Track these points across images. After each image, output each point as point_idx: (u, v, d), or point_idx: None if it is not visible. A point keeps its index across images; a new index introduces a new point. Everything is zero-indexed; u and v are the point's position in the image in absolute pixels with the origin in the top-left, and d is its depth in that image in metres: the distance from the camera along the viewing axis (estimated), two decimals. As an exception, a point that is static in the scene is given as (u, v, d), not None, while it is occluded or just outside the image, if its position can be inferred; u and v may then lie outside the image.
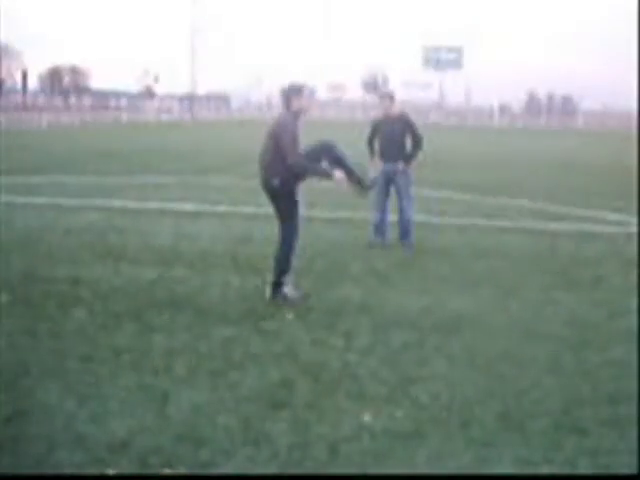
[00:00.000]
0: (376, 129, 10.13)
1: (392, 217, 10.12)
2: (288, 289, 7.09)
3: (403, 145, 9.99)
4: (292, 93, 7.09)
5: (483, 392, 5.10)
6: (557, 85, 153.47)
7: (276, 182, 7.02)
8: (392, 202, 10.08)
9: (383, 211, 10.02)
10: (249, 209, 12.83)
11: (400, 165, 9.89)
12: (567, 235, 11.23)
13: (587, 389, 5.19)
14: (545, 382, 5.31)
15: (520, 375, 5.43)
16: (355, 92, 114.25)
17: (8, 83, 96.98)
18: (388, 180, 9.94)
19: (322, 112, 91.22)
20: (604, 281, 8.32)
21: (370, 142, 10.21)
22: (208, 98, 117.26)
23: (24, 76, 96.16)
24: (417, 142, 9.98)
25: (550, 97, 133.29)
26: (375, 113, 10.60)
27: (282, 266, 7.12)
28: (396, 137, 9.99)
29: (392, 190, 10.04)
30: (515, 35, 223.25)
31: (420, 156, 10.17)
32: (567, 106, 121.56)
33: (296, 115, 7.12)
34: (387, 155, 9.94)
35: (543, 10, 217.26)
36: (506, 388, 5.19)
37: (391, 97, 10.21)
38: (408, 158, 9.96)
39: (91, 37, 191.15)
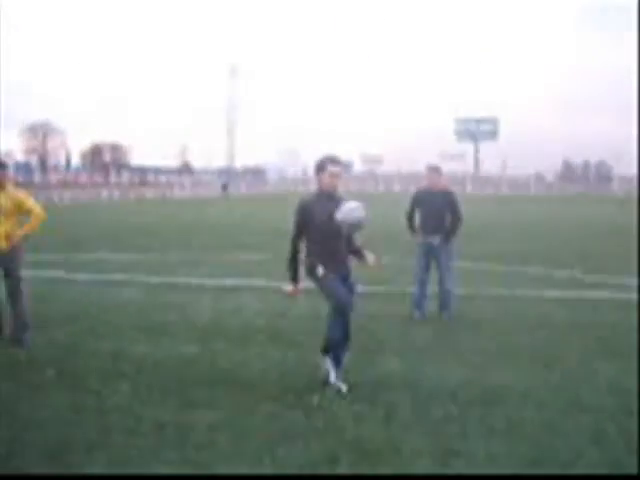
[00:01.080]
0: (417, 201, 10.18)
1: (432, 289, 10.15)
2: (333, 377, 6.84)
3: (443, 219, 10.04)
4: (317, 170, 6.98)
5: (526, 464, 5.07)
6: (592, 151, 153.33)
7: (306, 268, 6.98)
8: (433, 275, 10.13)
9: (422, 284, 10.06)
10: (283, 284, 12.91)
11: (439, 238, 9.94)
12: (606, 303, 11.16)
13: (631, 459, 5.14)
14: (589, 453, 5.27)
15: (564, 446, 5.40)
16: (390, 164, 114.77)
17: (52, 160, 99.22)
18: (428, 253, 10.00)
19: (360, 185, 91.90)
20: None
21: (410, 216, 10.25)
22: (245, 172, 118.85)
23: (67, 154, 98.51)
24: (457, 220, 10.02)
25: (585, 164, 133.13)
26: (418, 186, 10.62)
27: (325, 344, 6.94)
28: (438, 211, 10.04)
29: (432, 264, 10.09)
30: (545, 103, 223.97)
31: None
32: (602, 171, 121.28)
33: (323, 192, 6.97)
34: (427, 228, 10.00)
35: (571, 78, 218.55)
36: (550, 459, 5.15)
37: (438, 170, 10.29)
38: (447, 233, 10.00)
39: (130, 114, 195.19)
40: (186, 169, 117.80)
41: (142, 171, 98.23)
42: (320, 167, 6.95)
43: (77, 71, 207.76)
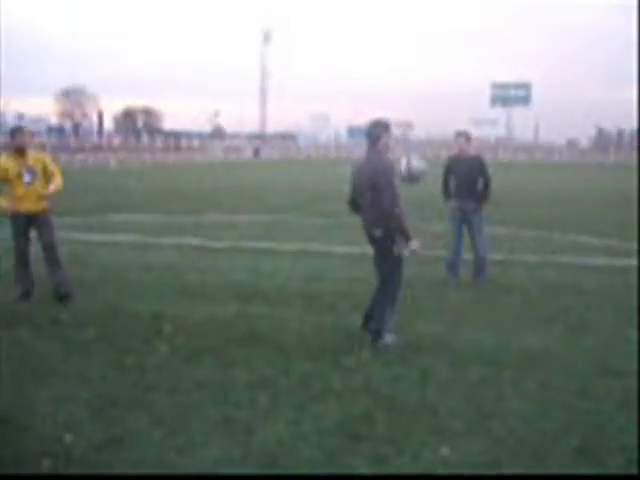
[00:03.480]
0: (450, 168, 10.20)
1: (466, 255, 10.20)
2: (391, 338, 6.94)
3: (475, 185, 10.04)
4: (381, 130, 6.90)
5: (559, 427, 5.16)
6: (624, 120, 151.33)
7: (378, 233, 6.88)
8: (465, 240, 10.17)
9: (457, 251, 10.09)
10: (320, 247, 13.06)
11: (472, 204, 9.96)
12: (637, 270, 11.12)
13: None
14: (620, 417, 5.34)
15: (595, 410, 5.47)
16: (421, 130, 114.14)
17: (85, 124, 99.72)
18: (461, 219, 10.02)
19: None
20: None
21: (445, 182, 10.28)
22: (276, 137, 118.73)
23: (100, 118, 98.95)
24: (487, 184, 10.03)
25: (620, 132, 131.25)
26: (449, 154, 10.58)
27: (383, 310, 6.96)
28: (470, 177, 10.04)
29: (465, 230, 10.11)
30: (579, 70, 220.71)
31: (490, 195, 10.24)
32: (637, 141, 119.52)
33: (381, 154, 6.93)
34: (460, 194, 10.02)
35: (603, 44, 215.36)
36: (582, 423, 5.23)
37: (467, 136, 10.26)
38: (480, 198, 10.01)
39: (164, 79, 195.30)
40: (218, 133, 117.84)
41: (175, 135, 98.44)
42: (385, 128, 6.95)
43: (110, 36, 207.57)
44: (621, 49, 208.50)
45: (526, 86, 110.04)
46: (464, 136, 10.23)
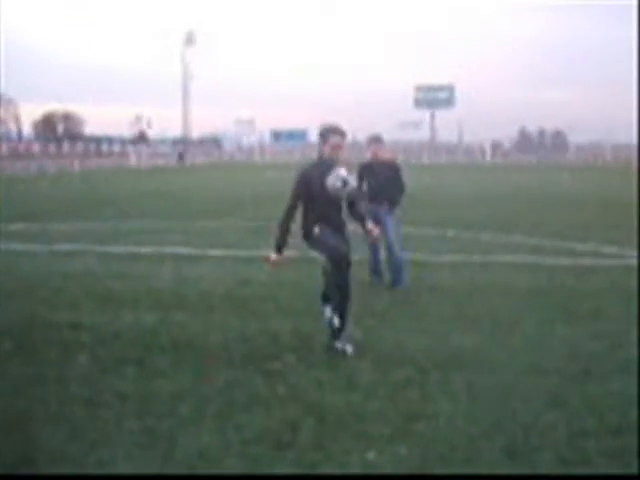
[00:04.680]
0: (363, 173, 9.95)
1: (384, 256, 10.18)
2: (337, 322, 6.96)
3: (388, 189, 9.99)
4: (320, 139, 6.97)
5: (487, 427, 5.13)
6: (547, 120, 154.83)
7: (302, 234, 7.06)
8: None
9: (375, 250, 10.04)
10: (244, 252, 12.93)
11: (385, 206, 9.93)
12: (564, 269, 11.30)
13: (590, 421, 5.23)
14: (548, 415, 5.35)
15: (523, 409, 5.47)
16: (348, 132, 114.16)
17: (2, 130, 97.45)
18: (375, 222, 9.93)
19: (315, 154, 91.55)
20: (603, 314, 8.38)
21: (358, 187, 10.13)
22: (201, 142, 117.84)
23: (18, 124, 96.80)
24: (401, 189, 10.05)
25: (541, 133, 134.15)
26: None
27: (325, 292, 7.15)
28: (383, 182, 9.97)
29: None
30: (502, 71, 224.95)
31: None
32: (558, 141, 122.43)
33: (325, 161, 6.92)
34: (373, 198, 9.92)
35: (530, 45, 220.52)
36: (509, 423, 5.22)
37: (378, 140, 10.24)
38: (393, 202, 9.99)
39: (84, 84, 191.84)
40: (141, 139, 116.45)
41: (96, 141, 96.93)
42: (323, 137, 6.92)
43: (30, 39, 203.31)
44: (544, 51, 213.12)
45: (449, 88, 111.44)
46: (376, 140, 10.21)
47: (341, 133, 6.91)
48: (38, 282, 10.23)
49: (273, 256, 7.03)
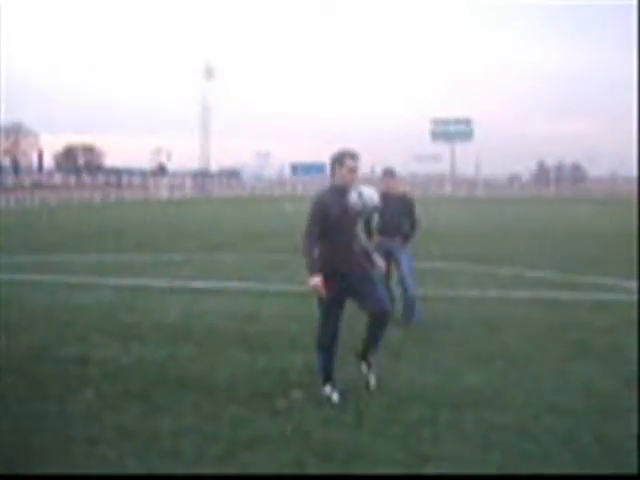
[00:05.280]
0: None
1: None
2: (328, 389, 6.57)
3: (401, 223, 9.82)
4: (334, 164, 6.62)
5: (498, 468, 4.96)
6: (566, 153, 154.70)
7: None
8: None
9: (386, 287, 9.85)
10: (257, 286, 12.82)
11: (398, 240, 9.78)
12: (581, 304, 11.10)
13: (605, 461, 5.05)
14: (561, 456, 5.17)
15: (536, 449, 5.29)
16: (365, 165, 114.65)
17: (23, 162, 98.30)
18: (387, 256, 9.77)
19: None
20: (619, 350, 8.19)
21: (367, 221, 9.95)
22: (220, 174, 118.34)
23: (40, 155, 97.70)
24: (413, 223, 9.87)
25: (559, 166, 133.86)
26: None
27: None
28: (396, 216, 9.81)
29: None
30: (521, 105, 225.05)
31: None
32: (576, 174, 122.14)
33: (339, 188, 6.58)
34: (385, 232, 9.78)
35: (546, 79, 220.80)
36: (522, 463, 5.05)
37: (392, 173, 10.12)
38: (405, 236, 9.84)
39: (105, 117, 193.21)
40: (161, 171, 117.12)
41: (116, 173, 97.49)
42: (338, 161, 6.61)
43: (50, 71, 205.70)
44: (562, 84, 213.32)
45: (466, 121, 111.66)
46: (389, 174, 10.09)
47: (355, 157, 6.74)
48: (49, 314, 10.16)
49: (314, 280, 6.41)
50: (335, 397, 6.45)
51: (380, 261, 6.96)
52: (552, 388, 6.79)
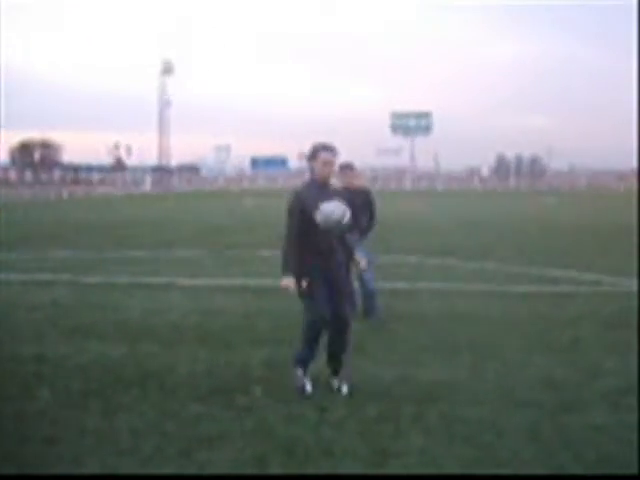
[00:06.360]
0: None
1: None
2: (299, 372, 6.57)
3: (360, 217, 9.74)
4: (310, 157, 6.63)
5: (461, 463, 4.93)
6: (525, 147, 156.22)
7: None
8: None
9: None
10: (218, 281, 12.69)
11: (355, 235, 9.69)
12: (542, 297, 11.15)
13: (567, 455, 5.04)
14: (526, 450, 5.15)
15: (500, 444, 5.27)
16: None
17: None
18: None
19: (295, 182, 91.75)
20: (581, 342, 8.22)
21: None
22: (180, 169, 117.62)
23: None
24: (372, 216, 9.78)
25: (518, 159, 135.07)
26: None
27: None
28: (356, 210, 9.71)
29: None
30: (480, 98, 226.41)
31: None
32: (535, 167, 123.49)
33: (317, 183, 6.59)
34: None
35: (507, 71, 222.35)
36: (486, 458, 5.02)
37: (351, 168, 10.04)
38: (363, 230, 9.75)
39: (62, 111, 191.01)
40: (119, 166, 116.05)
41: (74, 169, 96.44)
42: (313, 154, 6.59)
43: (6, 66, 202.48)
44: (525, 78, 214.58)
45: (426, 115, 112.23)
46: (348, 168, 10.01)
47: (331, 150, 6.68)
48: (3, 313, 9.96)
49: (286, 281, 6.39)
50: (308, 388, 6.43)
51: (363, 262, 6.88)
52: (514, 381, 6.78)
